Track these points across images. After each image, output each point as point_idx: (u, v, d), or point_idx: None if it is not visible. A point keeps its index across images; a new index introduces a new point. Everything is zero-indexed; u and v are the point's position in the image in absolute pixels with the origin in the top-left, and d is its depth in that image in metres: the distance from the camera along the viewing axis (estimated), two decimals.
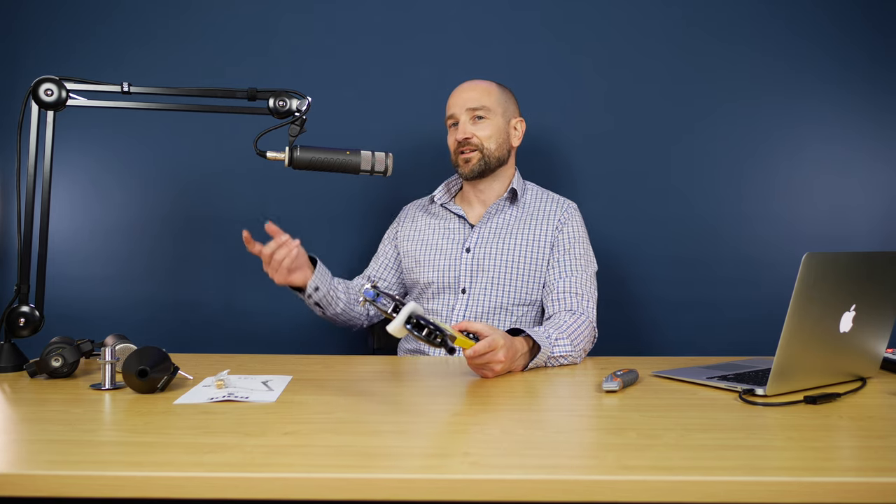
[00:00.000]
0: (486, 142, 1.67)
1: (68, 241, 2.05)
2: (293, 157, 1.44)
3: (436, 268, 1.70)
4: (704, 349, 2.00)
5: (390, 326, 1.09)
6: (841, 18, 2.02)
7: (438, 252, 1.71)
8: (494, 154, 1.68)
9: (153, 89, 1.46)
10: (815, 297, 1.12)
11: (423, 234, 1.76)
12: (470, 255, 1.68)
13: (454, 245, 1.71)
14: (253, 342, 2.06)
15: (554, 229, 1.67)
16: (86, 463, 0.84)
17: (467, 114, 1.67)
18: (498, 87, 1.72)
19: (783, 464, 0.87)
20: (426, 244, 1.74)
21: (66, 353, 1.29)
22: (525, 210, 1.72)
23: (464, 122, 1.67)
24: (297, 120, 1.46)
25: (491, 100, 1.68)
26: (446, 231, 1.74)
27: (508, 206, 1.72)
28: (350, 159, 1.45)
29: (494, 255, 1.66)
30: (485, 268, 1.66)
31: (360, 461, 0.86)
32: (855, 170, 2.04)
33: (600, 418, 1.08)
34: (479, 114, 1.67)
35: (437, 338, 1.08)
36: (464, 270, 1.68)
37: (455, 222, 1.74)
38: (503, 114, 1.69)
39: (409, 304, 1.10)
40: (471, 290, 1.67)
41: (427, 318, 1.10)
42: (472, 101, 1.67)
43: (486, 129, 1.67)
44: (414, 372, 1.44)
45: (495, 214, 1.71)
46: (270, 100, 1.45)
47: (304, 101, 1.46)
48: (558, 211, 1.70)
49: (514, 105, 1.74)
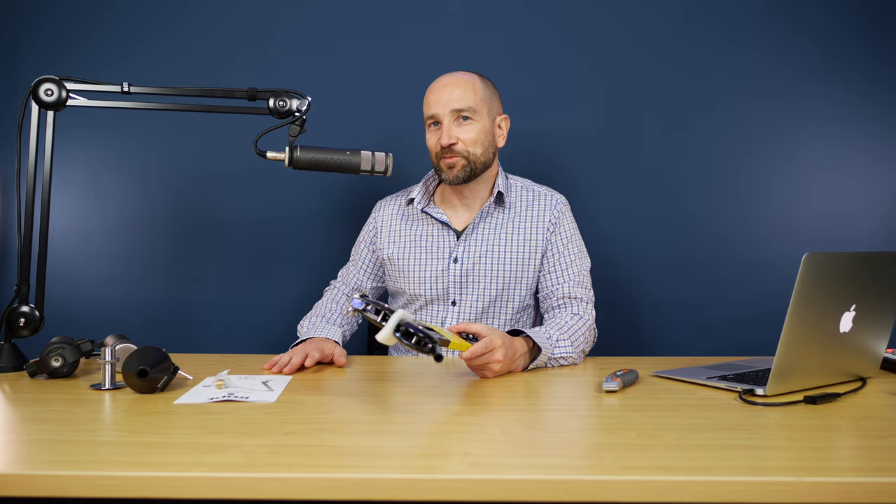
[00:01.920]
0: (472, 147, 1.54)
1: (68, 241, 2.05)
2: (293, 157, 1.44)
3: (422, 280, 1.61)
4: (704, 349, 2.00)
5: (379, 335, 1.09)
6: (841, 18, 2.02)
7: (424, 263, 1.62)
8: (480, 159, 1.56)
9: (153, 89, 1.46)
10: (815, 297, 1.12)
11: (406, 243, 1.65)
12: (458, 266, 1.59)
13: (440, 255, 1.61)
14: (252, 342, 2.06)
15: (546, 231, 1.60)
16: (86, 463, 0.85)
17: (451, 115, 1.53)
18: (481, 80, 1.59)
19: (783, 464, 0.87)
20: (410, 254, 1.64)
21: (66, 353, 1.29)
22: (513, 212, 1.62)
23: (447, 125, 1.54)
24: (297, 120, 1.45)
25: (476, 98, 1.54)
26: (430, 239, 1.63)
27: (495, 208, 1.62)
28: (350, 159, 1.45)
29: (484, 265, 1.58)
30: (474, 278, 1.59)
31: (359, 461, 0.86)
32: (855, 170, 2.04)
33: (600, 418, 1.08)
34: (466, 114, 1.53)
35: (427, 345, 1.08)
36: (452, 282, 1.60)
37: (438, 229, 1.63)
38: (489, 112, 1.57)
39: (397, 311, 1.10)
40: (461, 302, 1.60)
41: (416, 326, 1.09)
42: (457, 101, 1.53)
43: (472, 132, 1.54)
44: (414, 372, 1.44)
45: (482, 220, 1.62)
46: (270, 100, 1.45)
47: (304, 101, 1.45)
48: (548, 210, 1.61)
49: (498, 100, 1.62)
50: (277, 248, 2.03)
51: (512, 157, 1.97)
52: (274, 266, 2.07)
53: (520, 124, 2.01)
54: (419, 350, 1.08)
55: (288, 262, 2.04)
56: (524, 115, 1.96)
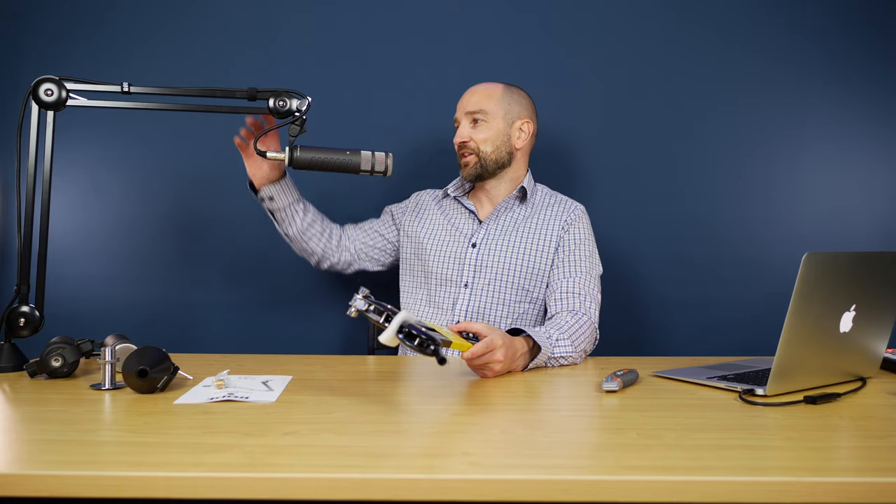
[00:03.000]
0: (483, 145, 1.68)
1: (68, 241, 2.05)
2: (293, 157, 1.44)
3: (440, 260, 1.71)
4: (705, 349, 2.00)
5: (382, 336, 1.09)
6: (841, 19, 2.02)
7: (444, 244, 1.72)
8: (491, 157, 1.68)
9: (153, 89, 1.46)
10: (815, 297, 1.12)
11: (431, 225, 1.77)
12: (475, 251, 1.69)
13: (461, 239, 1.72)
14: (253, 342, 2.06)
15: (560, 229, 1.68)
16: (86, 463, 0.84)
17: (467, 117, 1.70)
18: (504, 89, 1.71)
19: (783, 464, 0.87)
20: (433, 235, 1.75)
21: (66, 353, 1.29)
22: (533, 209, 1.73)
23: (463, 125, 1.70)
24: (297, 120, 1.46)
25: (491, 103, 1.68)
26: (454, 224, 1.75)
27: (517, 204, 1.74)
28: (350, 159, 1.45)
29: (499, 252, 1.67)
30: (489, 264, 1.67)
31: (359, 461, 0.86)
32: (855, 170, 2.04)
33: (600, 418, 1.08)
34: (478, 117, 1.68)
35: (430, 347, 1.08)
36: (468, 265, 1.68)
37: (465, 216, 1.75)
38: (504, 116, 1.69)
39: (400, 313, 1.10)
40: (473, 285, 1.68)
41: (419, 327, 1.09)
42: (472, 105, 1.69)
43: (483, 132, 1.68)
44: (414, 372, 1.44)
45: (504, 212, 1.73)
46: (270, 100, 1.45)
47: (304, 101, 1.46)
48: (565, 212, 1.71)
49: (522, 106, 1.73)
50: (277, 248, 2.03)
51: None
52: (274, 266, 2.07)
53: None
54: (422, 352, 1.08)
55: (288, 262, 2.04)
56: None
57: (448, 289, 1.70)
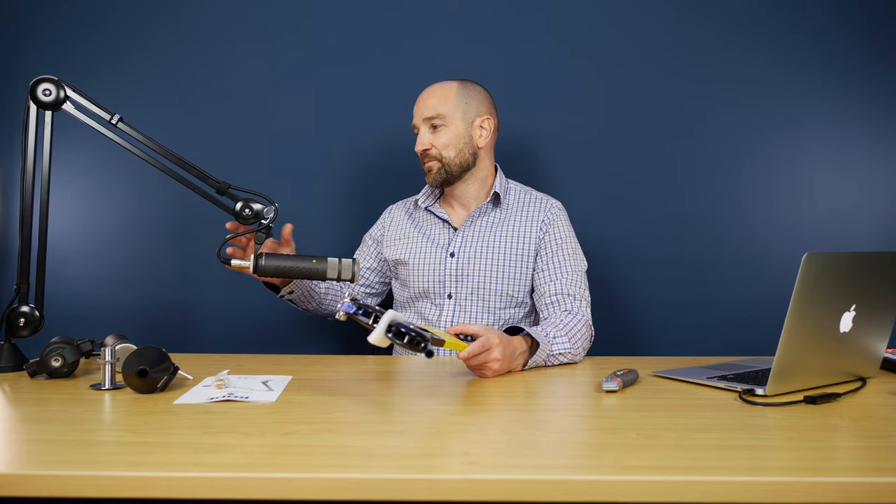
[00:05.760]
0: (444, 150, 1.64)
1: (68, 241, 2.05)
2: (258, 266, 1.36)
3: (420, 273, 1.68)
4: (704, 349, 2.00)
5: (371, 337, 1.09)
6: (840, 19, 2.02)
7: (423, 258, 1.69)
8: (455, 161, 1.64)
9: (137, 134, 1.42)
10: (815, 297, 1.12)
11: (408, 240, 1.73)
12: (454, 260, 1.66)
13: (437, 250, 1.68)
14: (252, 342, 2.06)
15: (538, 231, 1.65)
16: (86, 463, 0.85)
17: (425, 123, 1.66)
18: (459, 87, 1.67)
19: (783, 464, 0.87)
20: (410, 251, 1.71)
21: (66, 353, 1.29)
22: (508, 212, 1.69)
23: (423, 132, 1.66)
24: (262, 228, 1.40)
25: (448, 106, 1.64)
26: (429, 236, 1.71)
27: (492, 208, 1.70)
28: (316, 267, 1.37)
29: (478, 260, 1.64)
30: (469, 273, 1.64)
31: (359, 461, 0.86)
32: (855, 170, 2.04)
33: (600, 418, 1.08)
34: (436, 122, 1.64)
35: (420, 343, 1.08)
36: (449, 276, 1.66)
37: (438, 226, 1.72)
38: (463, 117, 1.65)
39: (387, 312, 1.09)
40: (457, 295, 1.65)
41: (407, 325, 1.09)
42: (429, 110, 1.65)
43: (443, 137, 1.64)
44: (413, 372, 1.44)
45: (478, 217, 1.69)
46: (238, 204, 1.41)
47: (270, 207, 1.40)
48: (542, 212, 1.67)
49: (479, 103, 1.68)
50: None
51: (513, 158, 1.97)
52: None
53: (520, 125, 2.01)
54: (412, 349, 1.08)
55: None
56: (524, 116, 1.97)
57: (432, 301, 1.68)
